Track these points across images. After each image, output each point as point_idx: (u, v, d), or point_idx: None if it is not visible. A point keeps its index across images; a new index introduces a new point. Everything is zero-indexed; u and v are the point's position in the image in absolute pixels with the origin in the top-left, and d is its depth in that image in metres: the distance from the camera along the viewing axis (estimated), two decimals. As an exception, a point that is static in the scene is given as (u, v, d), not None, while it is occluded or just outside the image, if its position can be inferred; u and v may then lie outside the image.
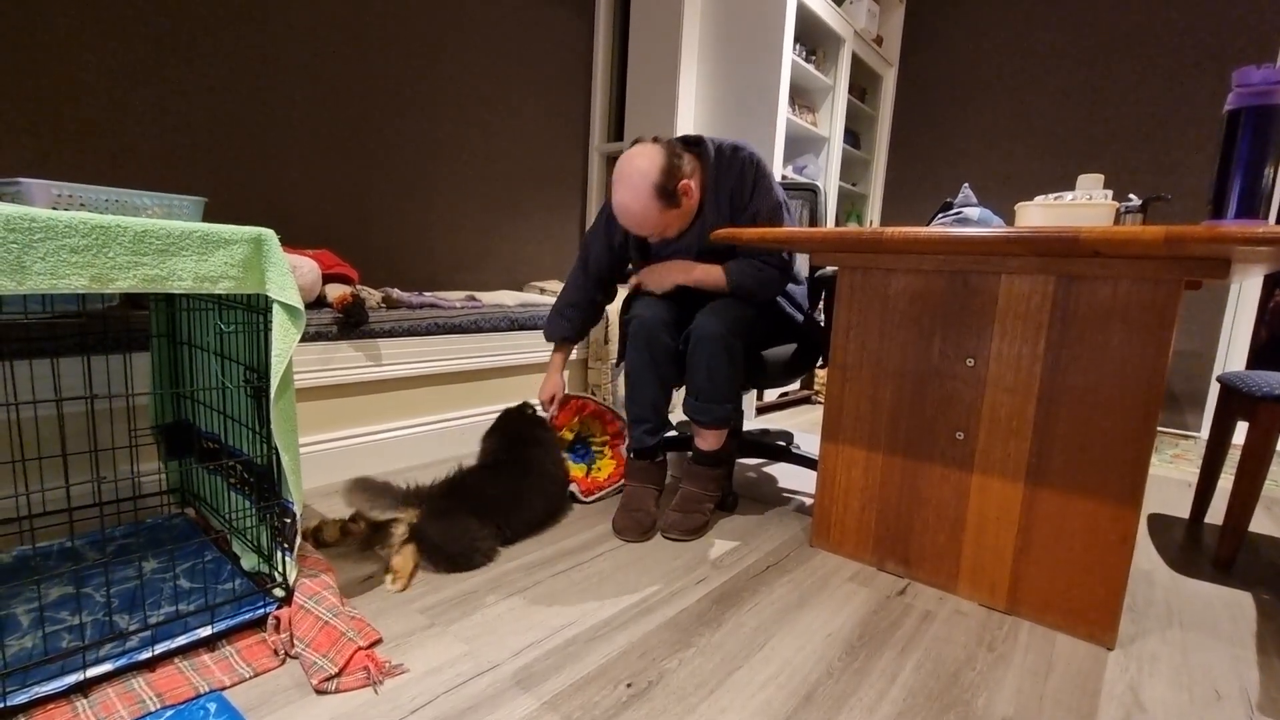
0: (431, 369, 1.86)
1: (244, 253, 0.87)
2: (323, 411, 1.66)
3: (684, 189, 1.34)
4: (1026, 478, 1.13)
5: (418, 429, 1.86)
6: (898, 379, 1.26)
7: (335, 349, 1.64)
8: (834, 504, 1.38)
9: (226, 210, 1.88)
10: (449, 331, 1.89)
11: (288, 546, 1.04)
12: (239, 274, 0.86)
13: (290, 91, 1.98)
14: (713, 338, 1.37)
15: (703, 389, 1.41)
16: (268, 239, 0.89)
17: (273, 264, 0.90)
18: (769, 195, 1.40)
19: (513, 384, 2.12)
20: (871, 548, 1.33)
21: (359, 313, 1.65)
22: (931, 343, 1.22)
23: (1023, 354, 1.11)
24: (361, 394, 1.73)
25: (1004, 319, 1.12)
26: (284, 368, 0.90)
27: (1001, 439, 1.15)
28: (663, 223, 1.37)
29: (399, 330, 1.77)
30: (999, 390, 1.14)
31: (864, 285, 1.28)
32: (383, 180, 2.27)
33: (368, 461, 1.75)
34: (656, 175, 1.30)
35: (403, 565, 1.17)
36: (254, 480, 1.11)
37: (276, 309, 0.90)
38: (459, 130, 2.47)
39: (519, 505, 1.38)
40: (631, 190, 1.31)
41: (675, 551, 1.37)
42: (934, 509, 1.24)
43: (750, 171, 1.39)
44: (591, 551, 1.35)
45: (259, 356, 1.00)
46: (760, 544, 1.43)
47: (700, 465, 1.51)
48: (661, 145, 1.33)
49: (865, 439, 1.32)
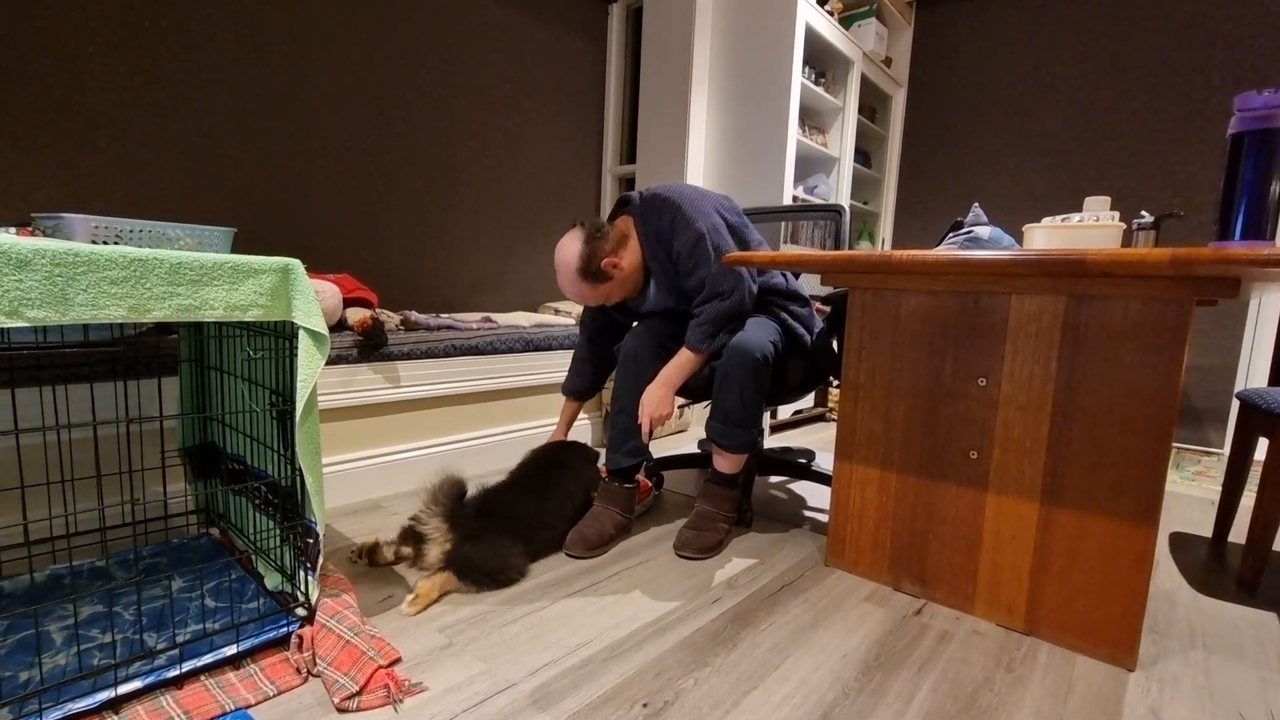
0: (448, 390, 1.89)
1: (272, 282, 0.90)
2: (343, 432, 1.70)
3: (608, 265, 1.45)
4: (1042, 496, 1.13)
5: (435, 449, 1.89)
6: (910, 398, 1.27)
7: (356, 371, 1.68)
8: (849, 523, 1.38)
9: (252, 237, 1.94)
10: (465, 353, 1.92)
11: (310, 566, 1.06)
12: (267, 302, 0.90)
13: (312, 121, 2.05)
14: (748, 360, 1.39)
15: (732, 412, 1.42)
16: (294, 269, 0.93)
17: (299, 292, 0.93)
18: (690, 228, 1.41)
19: (528, 404, 2.15)
20: (887, 567, 1.33)
21: (379, 336, 1.68)
22: (943, 362, 1.23)
23: (1035, 373, 1.12)
24: (381, 415, 1.76)
25: (1015, 338, 1.13)
26: (309, 392, 0.93)
27: (1015, 457, 1.15)
28: (603, 294, 1.49)
29: (417, 352, 1.80)
30: (1012, 409, 1.15)
31: (875, 305, 1.30)
32: (401, 205, 2.33)
33: (387, 481, 1.78)
34: (577, 262, 1.44)
35: (427, 592, 1.19)
36: (278, 501, 1.14)
37: (302, 335, 0.94)
38: (475, 155, 2.53)
39: (542, 524, 1.40)
40: (564, 278, 1.47)
41: (690, 571, 1.38)
42: (949, 528, 1.24)
43: (667, 212, 1.43)
44: (607, 570, 1.36)
45: (284, 380, 1.03)
46: (776, 563, 1.44)
47: (717, 485, 1.53)
48: (582, 232, 1.45)
49: (879, 458, 1.32)
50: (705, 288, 1.44)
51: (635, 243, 1.49)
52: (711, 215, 1.45)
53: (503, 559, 1.26)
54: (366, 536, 1.47)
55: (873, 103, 3.55)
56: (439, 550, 1.25)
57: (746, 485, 1.72)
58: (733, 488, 1.53)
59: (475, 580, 1.23)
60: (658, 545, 1.51)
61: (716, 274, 1.42)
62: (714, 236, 1.42)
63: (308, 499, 1.02)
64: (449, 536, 1.24)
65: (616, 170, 3.10)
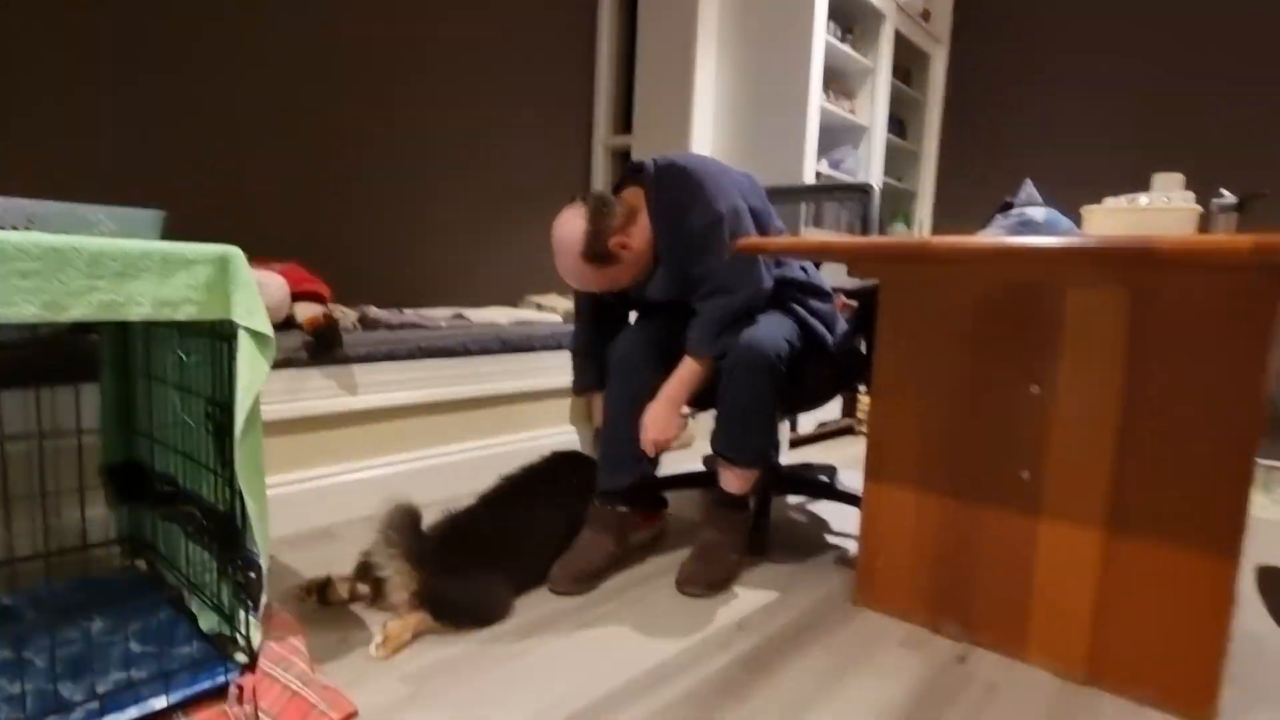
0: (413, 398, 1.90)
1: (208, 274, 0.91)
2: (291, 448, 1.70)
3: (617, 245, 1.45)
4: (1104, 523, 1.13)
5: (398, 467, 1.89)
6: (951, 408, 1.28)
7: (305, 377, 1.68)
8: (880, 554, 1.38)
9: (184, 221, 1.94)
10: (433, 355, 1.93)
11: (252, 605, 1.06)
12: (203, 298, 0.90)
13: (256, 86, 2.06)
14: (759, 360, 1.39)
15: (741, 420, 1.43)
16: (234, 258, 0.93)
17: (240, 285, 0.94)
18: (709, 209, 1.41)
19: (506, 414, 2.15)
20: (925, 606, 1.33)
21: (332, 336, 1.69)
22: (989, 366, 1.23)
23: (1095, 379, 1.12)
24: (335, 427, 1.77)
25: (1072, 339, 1.14)
26: (251, 402, 0.94)
27: (1073, 478, 1.16)
28: (606, 279, 1.49)
29: (377, 354, 1.81)
30: (1069, 422, 1.15)
31: (910, 300, 1.30)
32: (359, 183, 2.33)
33: (342, 505, 1.78)
34: (580, 243, 1.43)
35: (398, 633, 1.19)
36: (214, 529, 1.14)
37: (243, 335, 0.94)
38: (445, 125, 2.54)
39: (526, 553, 1.41)
40: (565, 262, 1.46)
41: (695, 610, 1.38)
42: (997, 560, 1.24)
43: (685, 186, 1.43)
44: (598, 609, 1.36)
45: (223, 389, 1.03)
46: (796, 600, 1.44)
47: (725, 508, 1.53)
48: (586, 207, 1.45)
49: (915, 477, 1.33)
50: (709, 280, 1.44)
51: (646, 218, 1.49)
52: (734, 197, 1.45)
53: (485, 593, 1.26)
54: (317, 571, 1.47)
55: (908, 63, 3.56)
56: (404, 591, 1.25)
57: (762, 508, 1.72)
58: (743, 510, 1.54)
59: (455, 620, 1.23)
60: (657, 580, 1.52)
61: (727, 266, 1.43)
62: (733, 222, 1.43)
63: (249, 526, 1.02)
64: (415, 576, 1.25)
65: (610, 141, 3.11)
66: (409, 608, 1.23)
